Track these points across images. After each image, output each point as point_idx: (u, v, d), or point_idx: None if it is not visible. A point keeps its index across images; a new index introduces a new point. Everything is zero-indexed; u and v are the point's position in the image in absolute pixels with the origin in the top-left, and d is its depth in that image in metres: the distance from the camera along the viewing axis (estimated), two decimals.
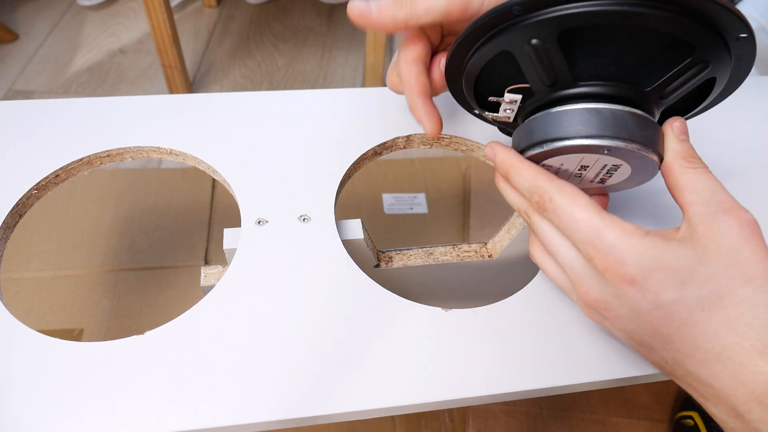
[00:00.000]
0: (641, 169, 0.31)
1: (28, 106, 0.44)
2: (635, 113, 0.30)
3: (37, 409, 0.29)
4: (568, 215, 0.28)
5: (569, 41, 0.29)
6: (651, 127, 0.30)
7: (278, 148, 0.43)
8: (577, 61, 0.30)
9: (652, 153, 0.30)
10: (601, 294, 0.28)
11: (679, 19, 0.27)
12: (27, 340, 0.32)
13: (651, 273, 0.26)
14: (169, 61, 1.14)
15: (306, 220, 0.38)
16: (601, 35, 0.29)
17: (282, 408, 0.30)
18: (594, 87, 0.30)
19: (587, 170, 0.32)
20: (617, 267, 0.27)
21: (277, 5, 1.51)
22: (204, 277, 0.37)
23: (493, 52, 0.31)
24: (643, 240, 0.27)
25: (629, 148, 0.29)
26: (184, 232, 0.89)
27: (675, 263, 0.26)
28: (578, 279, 0.29)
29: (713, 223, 0.27)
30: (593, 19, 0.27)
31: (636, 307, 0.27)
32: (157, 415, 0.29)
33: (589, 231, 0.27)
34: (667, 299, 0.26)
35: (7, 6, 1.41)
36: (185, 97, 0.46)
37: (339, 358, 0.32)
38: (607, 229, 0.27)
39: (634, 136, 0.29)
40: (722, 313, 0.25)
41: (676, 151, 0.30)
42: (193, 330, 0.32)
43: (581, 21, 0.28)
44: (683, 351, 0.27)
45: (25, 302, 0.79)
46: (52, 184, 0.40)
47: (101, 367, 0.31)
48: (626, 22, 0.27)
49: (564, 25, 0.28)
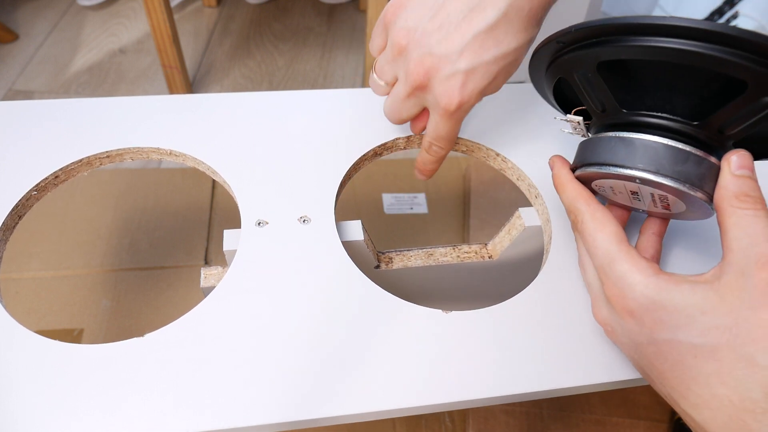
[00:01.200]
0: (693, 203, 0.31)
1: (27, 106, 0.44)
2: (673, 146, 0.30)
3: (37, 410, 0.29)
4: (591, 239, 0.30)
5: (613, 71, 0.30)
6: (695, 161, 0.29)
7: (278, 148, 0.43)
8: (622, 90, 0.31)
9: (691, 188, 0.29)
10: (608, 317, 0.31)
11: (716, 58, 0.26)
12: (27, 343, 0.31)
13: (649, 311, 0.27)
14: (169, 61, 1.14)
15: (306, 221, 0.38)
16: (640, 67, 0.30)
17: (282, 410, 0.30)
18: (640, 116, 0.31)
19: (639, 195, 0.33)
20: (620, 298, 0.28)
21: (277, 5, 1.51)
22: (204, 278, 0.37)
23: (555, 78, 0.34)
24: (651, 278, 0.27)
25: (661, 181, 0.30)
26: (184, 232, 0.89)
27: (675, 306, 0.26)
28: (594, 297, 0.32)
29: (741, 277, 0.25)
30: (623, 54, 0.28)
31: (634, 338, 0.29)
32: (158, 416, 0.29)
33: (604, 258, 0.29)
34: (660, 338, 0.27)
35: (7, 6, 1.40)
36: (185, 98, 0.46)
37: (339, 359, 0.32)
38: (620, 260, 0.29)
39: (666, 169, 0.29)
40: (715, 364, 0.25)
41: (727, 187, 0.28)
42: (193, 332, 0.32)
43: (613, 55, 0.29)
44: (677, 390, 0.27)
45: (25, 302, 0.79)
46: (51, 185, 0.40)
47: (101, 369, 0.31)
48: (656, 58, 0.28)
49: (600, 58, 0.29)
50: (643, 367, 0.30)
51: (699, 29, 0.26)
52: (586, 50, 0.30)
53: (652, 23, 0.27)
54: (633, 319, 0.28)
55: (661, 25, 0.26)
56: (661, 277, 0.27)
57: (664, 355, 0.27)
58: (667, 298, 0.27)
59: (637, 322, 0.28)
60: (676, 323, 0.26)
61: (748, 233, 0.26)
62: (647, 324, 0.27)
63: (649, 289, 0.27)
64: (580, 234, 0.32)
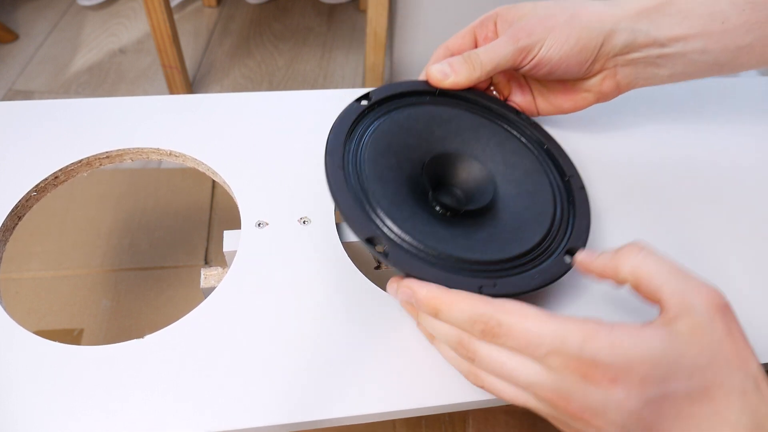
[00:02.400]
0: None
1: (27, 106, 0.44)
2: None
3: (36, 411, 0.29)
4: (524, 332, 0.26)
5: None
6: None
7: (278, 149, 0.42)
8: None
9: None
10: (585, 401, 0.26)
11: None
12: (27, 344, 0.31)
13: (630, 369, 0.25)
14: (169, 61, 1.14)
15: (306, 222, 0.38)
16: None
17: (283, 412, 0.30)
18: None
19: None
20: (595, 370, 0.25)
21: (277, 5, 1.51)
22: (204, 278, 0.37)
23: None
24: (610, 336, 0.25)
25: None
26: (184, 232, 0.89)
27: (652, 358, 0.25)
28: (553, 393, 0.26)
29: (692, 315, 0.26)
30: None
31: (627, 407, 0.25)
32: (158, 417, 0.29)
33: (553, 341, 0.25)
34: (653, 394, 0.25)
35: (7, 6, 1.40)
36: (185, 98, 0.46)
37: (340, 361, 0.32)
38: (569, 334, 0.25)
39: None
40: (711, 405, 0.25)
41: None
42: (193, 333, 0.32)
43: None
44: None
45: (25, 302, 0.79)
46: (51, 185, 0.40)
47: (102, 370, 0.31)
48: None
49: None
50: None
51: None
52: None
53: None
54: (619, 386, 0.25)
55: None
56: (617, 331, 0.25)
57: (661, 412, 0.25)
58: (642, 349, 0.25)
59: (624, 386, 0.25)
60: (662, 375, 0.25)
61: (666, 273, 0.27)
62: (635, 384, 0.25)
63: (617, 348, 0.25)
64: (502, 338, 0.27)
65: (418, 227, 0.32)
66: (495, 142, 0.39)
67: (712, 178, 0.44)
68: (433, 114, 0.39)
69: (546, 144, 0.40)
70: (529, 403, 0.28)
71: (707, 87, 0.52)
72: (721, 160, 0.45)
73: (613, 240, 0.39)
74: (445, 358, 0.31)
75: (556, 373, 0.26)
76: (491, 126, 0.40)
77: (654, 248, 0.29)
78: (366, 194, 0.33)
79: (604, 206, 0.41)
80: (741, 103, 0.51)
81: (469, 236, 0.34)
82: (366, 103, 0.38)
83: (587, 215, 0.37)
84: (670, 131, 0.47)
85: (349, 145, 0.35)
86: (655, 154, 0.45)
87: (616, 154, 0.45)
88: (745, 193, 0.43)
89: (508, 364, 0.27)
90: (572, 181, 0.38)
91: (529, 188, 0.37)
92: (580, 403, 0.25)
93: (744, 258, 0.39)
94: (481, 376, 0.29)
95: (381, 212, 0.32)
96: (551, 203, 0.36)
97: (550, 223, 0.35)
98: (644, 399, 0.25)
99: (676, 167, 0.44)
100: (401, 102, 0.39)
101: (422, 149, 0.37)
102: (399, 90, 0.39)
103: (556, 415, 0.27)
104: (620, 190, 0.42)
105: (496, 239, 0.34)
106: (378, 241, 0.30)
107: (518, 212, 0.36)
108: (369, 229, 0.31)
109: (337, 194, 0.32)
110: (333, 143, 0.34)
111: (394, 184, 0.34)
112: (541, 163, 0.39)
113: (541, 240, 0.34)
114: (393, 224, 0.31)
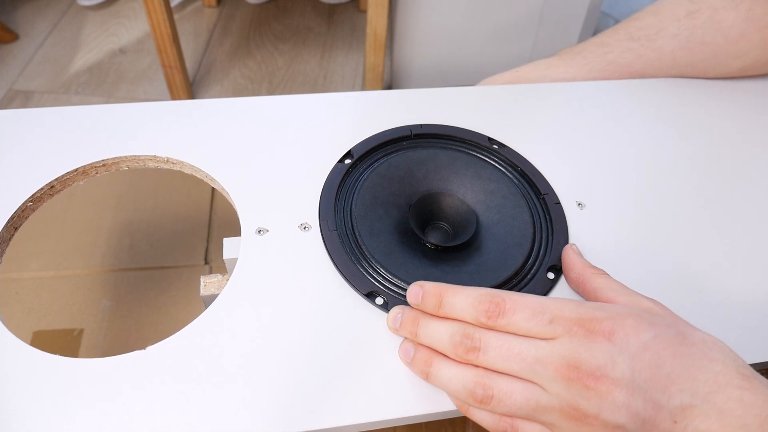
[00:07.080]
0: None
1: (20, 114, 0.43)
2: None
3: (38, 420, 0.29)
4: (529, 304, 0.29)
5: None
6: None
7: (277, 154, 0.42)
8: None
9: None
10: (593, 360, 0.27)
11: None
12: (26, 357, 0.31)
13: (623, 321, 0.28)
14: (169, 61, 1.14)
15: (307, 228, 0.38)
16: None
17: (284, 421, 0.30)
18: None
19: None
20: (596, 324, 0.28)
21: (277, 5, 1.51)
22: (204, 286, 0.37)
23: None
24: (596, 302, 0.31)
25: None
26: (184, 232, 0.89)
27: (632, 312, 0.29)
28: (562, 362, 0.27)
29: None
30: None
31: (629, 351, 0.27)
32: (158, 428, 0.29)
33: (554, 309, 0.29)
34: (647, 337, 0.27)
35: (7, 6, 1.40)
36: (182, 104, 0.45)
37: (341, 368, 0.32)
38: (565, 303, 0.29)
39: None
40: (695, 348, 0.28)
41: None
42: (196, 343, 0.32)
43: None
44: (686, 389, 0.26)
45: (25, 302, 0.79)
46: (47, 195, 0.40)
47: (102, 381, 0.30)
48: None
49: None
50: (648, 397, 0.26)
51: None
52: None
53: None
54: (618, 335, 0.28)
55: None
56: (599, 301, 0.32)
57: (660, 353, 0.27)
58: (625, 309, 0.29)
59: (622, 335, 0.28)
60: (649, 321, 0.29)
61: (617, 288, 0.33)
62: (630, 333, 0.28)
63: (607, 306, 0.30)
64: (508, 314, 0.29)
65: (411, 271, 0.35)
66: (472, 173, 0.41)
67: (694, 179, 0.44)
68: (411, 158, 0.42)
69: (519, 166, 0.42)
70: (541, 400, 0.28)
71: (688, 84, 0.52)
72: (702, 161, 0.45)
73: (595, 244, 0.39)
74: (445, 389, 0.31)
75: (561, 340, 0.28)
76: (466, 157, 0.42)
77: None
78: (361, 250, 0.36)
79: (581, 214, 0.41)
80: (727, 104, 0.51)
81: (459, 269, 0.36)
82: (349, 162, 0.41)
83: (565, 231, 0.39)
84: (650, 132, 0.47)
85: (339, 206, 0.39)
86: (630, 154, 0.45)
87: (585, 160, 0.45)
88: (735, 193, 0.43)
89: (514, 344, 0.29)
90: (547, 198, 0.41)
91: (509, 212, 0.39)
92: (589, 365, 0.27)
93: (733, 259, 0.39)
94: (488, 383, 0.29)
95: (376, 264, 0.35)
96: (530, 224, 0.39)
97: (530, 245, 0.38)
98: (642, 344, 0.27)
99: (655, 168, 0.44)
100: (381, 152, 0.43)
101: (406, 193, 0.40)
102: (377, 142, 0.43)
103: (567, 409, 0.28)
104: (599, 196, 0.42)
105: (484, 268, 0.36)
106: (377, 294, 0.35)
107: (501, 238, 0.38)
108: (367, 285, 0.35)
109: (333, 256, 0.36)
110: (325, 209, 0.39)
111: (384, 234, 0.38)
112: (517, 185, 0.41)
113: (524, 262, 0.37)
114: (387, 273, 0.35)
